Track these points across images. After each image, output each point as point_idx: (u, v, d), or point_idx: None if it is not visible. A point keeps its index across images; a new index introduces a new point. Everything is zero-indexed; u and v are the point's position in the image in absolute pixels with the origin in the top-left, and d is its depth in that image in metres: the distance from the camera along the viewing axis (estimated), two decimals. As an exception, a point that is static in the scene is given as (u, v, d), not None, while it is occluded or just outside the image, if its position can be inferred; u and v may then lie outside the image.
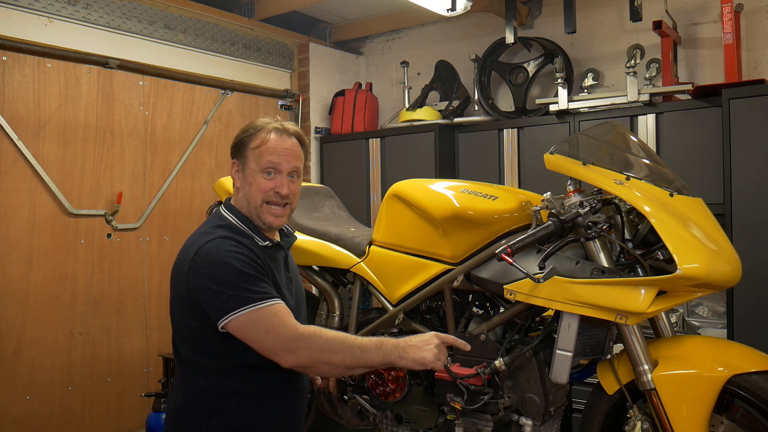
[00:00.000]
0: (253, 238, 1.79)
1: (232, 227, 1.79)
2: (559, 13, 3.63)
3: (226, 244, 1.70)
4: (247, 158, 1.81)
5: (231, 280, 1.63)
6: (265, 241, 1.81)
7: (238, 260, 1.67)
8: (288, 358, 1.62)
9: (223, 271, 1.64)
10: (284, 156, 1.80)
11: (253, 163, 1.79)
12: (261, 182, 1.78)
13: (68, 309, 3.19)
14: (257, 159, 1.79)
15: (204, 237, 1.73)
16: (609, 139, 2.11)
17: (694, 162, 3.10)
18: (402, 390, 2.30)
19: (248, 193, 1.80)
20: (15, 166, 3.01)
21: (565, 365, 1.90)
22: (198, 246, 1.71)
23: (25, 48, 3.01)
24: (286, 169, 1.80)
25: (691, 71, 3.51)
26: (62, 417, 3.15)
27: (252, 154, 1.80)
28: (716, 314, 3.09)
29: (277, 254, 1.86)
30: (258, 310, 1.62)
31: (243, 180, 1.82)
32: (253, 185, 1.79)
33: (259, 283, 1.67)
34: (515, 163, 3.68)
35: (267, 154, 1.78)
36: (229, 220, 1.81)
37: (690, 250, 1.72)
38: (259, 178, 1.79)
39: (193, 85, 3.75)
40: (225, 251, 1.68)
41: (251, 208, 1.80)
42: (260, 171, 1.79)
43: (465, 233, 2.16)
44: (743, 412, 1.87)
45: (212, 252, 1.68)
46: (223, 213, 1.84)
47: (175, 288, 1.76)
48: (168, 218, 3.63)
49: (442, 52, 4.34)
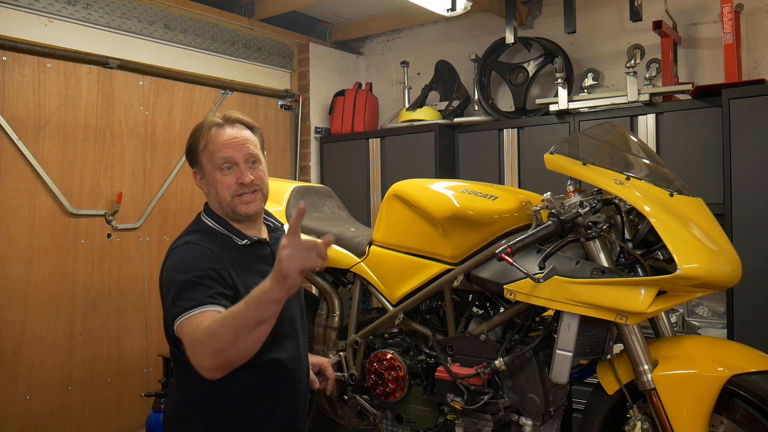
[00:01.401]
0: (231, 239, 1.77)
1: (206, 230, 1.78)
2: (559, 13, 3.63)
3: (185, 250, 1.70)
4: (202, 162, 1.78)
5: (173, 288, 1.62)
6: (244, 239, 1.80)
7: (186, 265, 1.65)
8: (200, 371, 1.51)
9: (172, 278, 1.64)
10: (233, 147, 1.76)
11: (208, 164, 1.77)
12: (222, 180, 1.76)
13: (68, 309, 3.19)
14: (210, 159, 1.76)
15: (174, 244, 1.75)
16: (609, 139, 2.11)
17: (694, 162, 3.10)
18: (402, 390, 2.30)
19: (216, 195, 1.78)
20: (15, 166, 3.01)
21: (565, 365, 1.90)
22: (168, 254, 1.73)
23: (25, 48, 3.01)
24: (240, 158, 1.76)
25: (691, 71, 3.51)
26: (62, 417, 3.15)
27: (204, 157, 1.77)
28: (716, 314, 3.09)
29: (262, 251, 1.84)
30: (182, 321, 1.56)
31: (207, 185, 1.80)
32: (217, 185, 1.76)
33: (196, 289, 1.60)
34: (515, 163, 3.68)
35: (217, 151, 1.75)
36: (205, 224, 1.80)
37: (690, 250, 1.72)
38: (219, 176, 1.76)
39: (193, 85, 3.75)
40: (180, 260, 1.68)
41: (224, 207, 1.78)
42: (218, 169, 1.76)
43: (465, 233, 2.16)
44: (743, 412, 1.87)
45: (171, 261, 1.69)
46: (201, 218, 1.83)
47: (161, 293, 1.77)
48: (168, 218, 3.63)
49: (442, 52, 4.34)
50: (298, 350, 1.86)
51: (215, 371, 1.50)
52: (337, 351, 2.53)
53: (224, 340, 1.45)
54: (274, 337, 1.65)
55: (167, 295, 1.63)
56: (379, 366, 2.34)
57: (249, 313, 1.43)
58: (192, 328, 1.52)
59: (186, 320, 1.55)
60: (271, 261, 1.84)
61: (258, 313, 1.43)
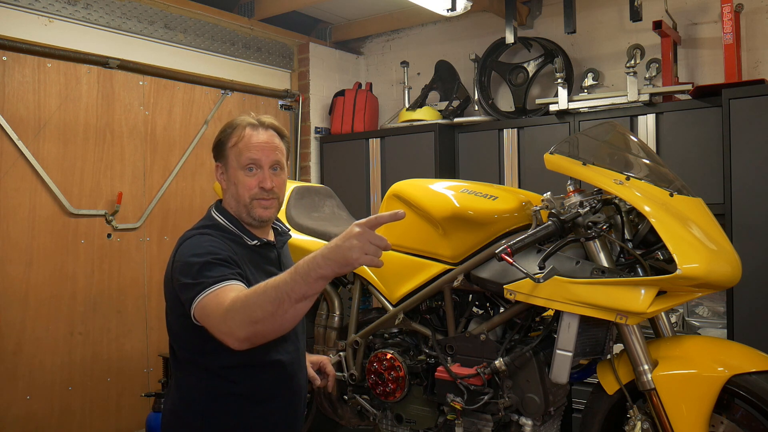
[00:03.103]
0: (241, 238, 1.79)
1: (218, 226, 1.79)
2: (559, 13, 3.63)
3: (202, 238, 1.71)
4: (228, 158, 1.80)
5: (192, 269, 1.61)
6: (254, 240, 1.81)
7: (203, 249, 1.65)
8: (228, 340, 1.48)
9: (189, 261, 1.64)
10: (263, 150, 1.78)
11: (234, 162, 1.79)
12: (245, 180, 1.77)
13: (68, 309, 3.19)
14: (237, 157, 1.78)
15: (186, 235, 1.75)
16: (609, 139, 2.11)
17: (694, 162, 3.10)
18: (402, 390, 2.30)
19: (235, 193, 1.79)
20: (15, 166, 3.01)
21: (565, 365, 1.90)
22: (179, 245, 1.73)
23: (25, 48, 3.01)
24: (266, 163, 1.79)
25: (691, 71, 3.51)
26: (62, 417, 3.15)
27: (232, 153, 1.79)
28: (716, 314, 3.09)
29: (270, 253, 1.86)
30: (207, 295, 1.55)
31: (228, 181, 1.82)
32: (238, 184, 1.78)
33: (216, 268, 1.60)
34: (515, 163, 3.68)
35: (246, 151, 1.77)
36: (216, 220, 1.81)
37: (690, 250, 1.72)
38: (241, 176, 1.78)
39: (193, 85, 3.75)
40: (195, 245, 1.68)
41: (240, 206, 1.79)
42: (242, 168, 1.78)
43: (465, 233, 2.16)
44: (743, 412, 1.87)
45: (185, 247, 1.69)
46: (213, 214, 1.84)
47: (166, 288, 1.76)
48: (168, 218, 3.63)
49: (442, 52, 4.34)
50: (297, 353, 1.86)
51: (245, 341, 1.47)
52: (337, 351, 2.53)
53: (264, 309, 1.42)
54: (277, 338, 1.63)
55: (184, 277, 1.61)
56: (379, 366, 2.34)
57: (295, 286, 1.40)
58: (218, 301, 1.50)
59: (210, 294, 1.54)
60: (277, 264, 1.86)
61: (304, 287, 1.40)
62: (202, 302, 1.54)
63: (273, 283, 1.44)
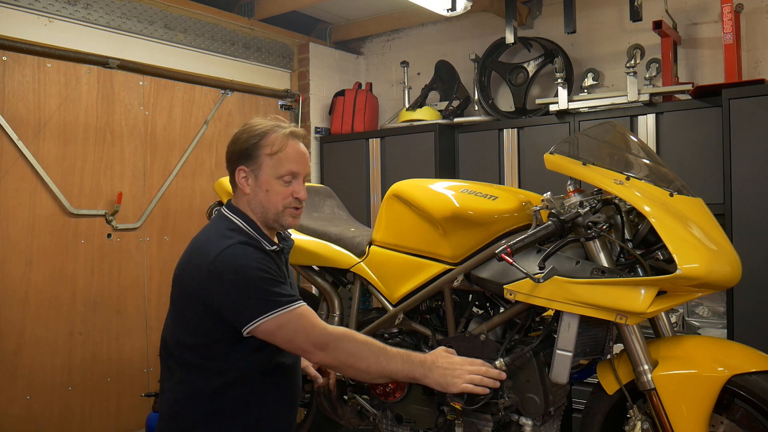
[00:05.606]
0: (260, 242, 1.78)
1: (240, 230, 1.78)
2: (559, 13, 3.63)
3: (248, 250, 1.71)
4: (262, 165, 1.78)
5: (257, 285, 1.66)
6: (272, 245, 1.81)
7: (261, 266, 1.69)
8: (319, 355, 1.70)
9: (249, 277, 1.66)
10: (302, 163, 1.82)
11: (270, 170, 1.78)
12: (280, 189, 1.78)
13: (68, 309, 3.19)
14: (276, 166, 1.77)
15: (221, 241, 1.71)
16: (609, 139, 2.11)
17: (694, 162, 3.10)
18: (402, 390, 2.30)
19: (265, 200, 1.79)
20: (15, 166, 3.01)
21: (565, 365, 1.90)
22: (217, 251, 1.68)
23: (25, 48, 3.01)
24: (302, 174, 1.83)
25: (691, 71, 3.51)
26: (62, 417, 3.15)
27: (269, 161, 1.77)
28: (716, 314, 3.09)
29: (281, 258, 1.87)
30: (287, 312, 1.66)
31: (256, 186, 1.79)
32: (271, 192, 1.78)
33: (283, 287, 1.71)
34: (515, 163, 3.68)
35: (287, 163, 1.78)
36: (237, 224, 1.79)
37: (690, 250, 1.72)
38: (277, 185, 1.78)
39: (193, 85, 3.75)
40: (248, 257, 1.69)
41: (268, 213, 1.79)
42: (278, 178, 1.78)
43: (465, 233, 2.16)
44: (743, 412, 1.87)
45: (234, 258, 1.68)
46: (230, 216, 1.81)
47: (184, 291, 1.74)
48: (168, 218, 3.63)
49: (442, 52, 4.34)
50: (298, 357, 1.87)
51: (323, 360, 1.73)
52: (337, 351, 2.53)
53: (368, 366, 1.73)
54: None
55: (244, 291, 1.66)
56: (379, 366, 2.33)
57: (399, 373, 1.77)
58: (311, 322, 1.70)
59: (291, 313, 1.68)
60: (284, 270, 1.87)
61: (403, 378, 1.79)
62: (280, 319, 1.65)
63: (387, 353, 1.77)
